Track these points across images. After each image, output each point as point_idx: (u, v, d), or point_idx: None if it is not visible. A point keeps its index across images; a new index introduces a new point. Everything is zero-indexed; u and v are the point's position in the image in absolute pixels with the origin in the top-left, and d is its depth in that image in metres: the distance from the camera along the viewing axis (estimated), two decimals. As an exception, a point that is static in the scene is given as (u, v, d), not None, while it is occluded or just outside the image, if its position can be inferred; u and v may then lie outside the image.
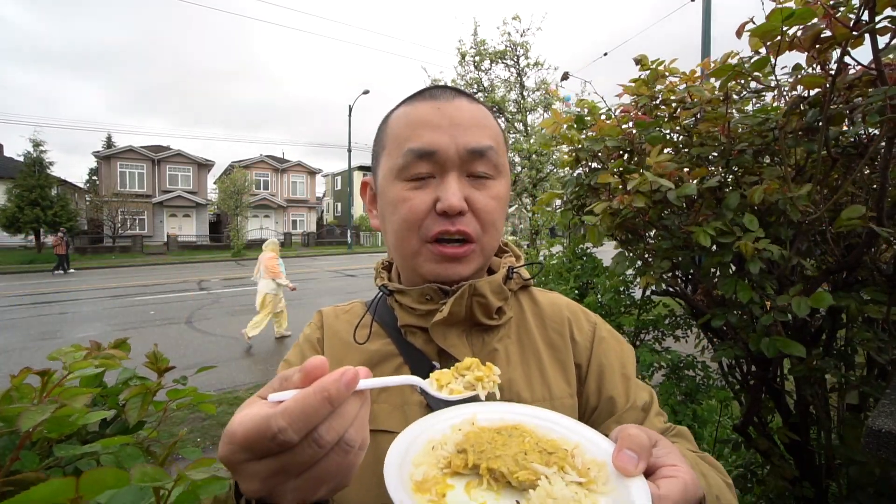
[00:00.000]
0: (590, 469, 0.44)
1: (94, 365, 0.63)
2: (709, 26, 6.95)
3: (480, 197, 0.63)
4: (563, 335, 0.73)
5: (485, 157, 0.63)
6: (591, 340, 0.73)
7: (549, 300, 0.78)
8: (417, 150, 0.62)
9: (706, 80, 1.56)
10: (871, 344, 1.22)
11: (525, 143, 5.97)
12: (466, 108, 0.65)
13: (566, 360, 0.71)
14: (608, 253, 1.78)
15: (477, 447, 0.47)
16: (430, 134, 0.62)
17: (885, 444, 0.86)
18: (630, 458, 0.42)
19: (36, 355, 5.95)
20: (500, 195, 0.66)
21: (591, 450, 0.47)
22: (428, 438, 0.49)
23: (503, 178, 0.67)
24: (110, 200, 25.87)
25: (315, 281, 13.67)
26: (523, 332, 0.73)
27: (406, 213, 0.63)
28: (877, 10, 1.01)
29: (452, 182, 0.61)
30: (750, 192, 1.22)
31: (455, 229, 0.62)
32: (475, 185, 0.64)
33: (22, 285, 13.30)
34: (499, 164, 0.65)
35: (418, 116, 0.64)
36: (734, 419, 2.19)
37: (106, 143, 34.72)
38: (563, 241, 3.30)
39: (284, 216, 34.37)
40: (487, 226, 0.64)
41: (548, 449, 0.47)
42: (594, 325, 0.75)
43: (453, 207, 0.60)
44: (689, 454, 0.58)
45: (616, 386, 0.69)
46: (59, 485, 0.36)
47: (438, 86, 0.68)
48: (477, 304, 0.67)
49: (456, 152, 0.62)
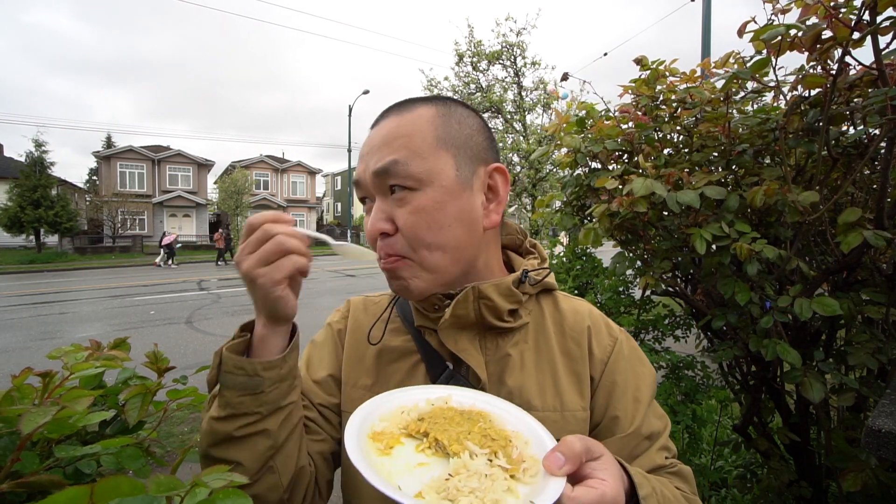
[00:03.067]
0: (524, 462, 0.49)
1: (95, 365, 0.63)
2: (709, 26, 6.96)
3: (401, 214, 0.63)
4: (580, 345, 0.70)
5: (389, 173, 0.62)
6: (608, 355, 0.70)
7: (573, 307, 0.75)
8: (354, 181, 0.68)
9: (706, 80, 1.56)
10: (870, 345, 1.22)
11: (524, 143, 5.97)
12: (385, 126, 0.65)
13: (582, 371, 0.69)
14: (608, 253, 1.78)
15: (433, 419, 0.54)
16: (359, 165, 0.67)
17: (885, 444, 0.86)
18: (556, 459, 0.46)
19: (36, 355, 5.95)
20: (424, 206, 0.62)
21: (537, 449, 0.51)
22: (400, 403, 0.57)
23: (429, 187, 0.62)
24: (110, 200, 25.87)
25: (315, 281, 13.67)
26: (541, 338, 0.71)
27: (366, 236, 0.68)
28: (878, 11, 1.00)
29: (374, 208, 0.65)
30: (750, 193, 1.22)
31: (382, 252, 0.65)
32: (397, 202, 0.63)
33: (22, 285, 13.30)
34: (414, 175, 0.61)
35: (362, 146, 0.69)
36: (734, 419, 2.19)
37: (106, 143, 34.70)
38: (564, 241, 3.30)
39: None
40: (413, 242, 0.63)
41: (492, 436, 0.52)
42: (616, 340, 0.72)
43: (371, 235, 0.65)
44: (657, 482, 0.56)
45: (624, 407, 0.67)
46: (74, 493, 0.36)
47: (389, 106, 0.69)
48: (485, 307, 0.66)
49: (369, 178, 0.64)
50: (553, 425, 0.62)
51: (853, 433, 1.35)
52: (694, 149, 1.54)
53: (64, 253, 22.26)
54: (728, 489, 2.04)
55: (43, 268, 17.93)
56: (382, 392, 0.61)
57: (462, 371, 0.68)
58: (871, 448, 0.88)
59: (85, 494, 0.36)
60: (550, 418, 0.64)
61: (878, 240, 1.05)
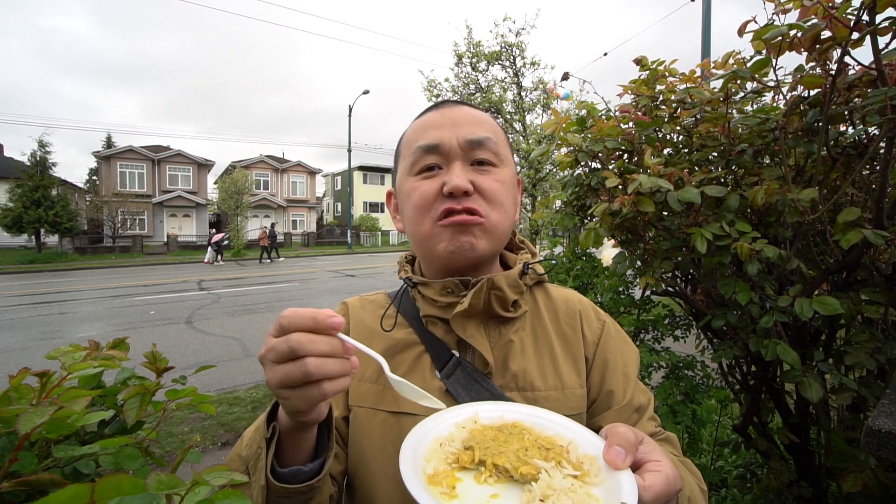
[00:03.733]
0: (583, 463, 0.48)
1: (94, 366, 0.63)
2: (709, 27, 6.96)
3: (484, 180, 0.69)
4: (574, 329, 0.77)
5: (483, 146, 0.70)
6: (598, 336, 0.77)
7: (563, 296, 0.82)
8: (424, 146, 0.71)
9: (706, 80, 1.56)
10: (869, 345, 1.21)
11: (524, 143, 5.97)
12: (466, 110, 0.74)
13: (577, 352, 0.75)
14: (608, 253, 1.78)
15: (482, 444, 0.51)
16: (435, 132, 0.71)
17: (885, 444, 0.86)
18: (619, 453, 0.47)
19: (36, 355, 5.95)
20: (504, 179, 0.71)
21: (584, 445, 0.51)
22: (436, 436, 0.54)
23: (506, 167, 0.73)
24: (110, 200, 25.87)
25: (315, 281, 13.67)
26: (538, 324, 0.77)
27: (417, 199, 0.70)
28: (877, 11, 1.00)
29: (456, 167, 0.69)
30: (751, 193, 1.22)
31: (461, 207, 0.67)
32: (479, 170, 0.70)
33: (22, 285, 13.30)
34: (499, 153, 0.72)
35: (425, 121, 0.74)
36: (734, 419, 2.19)
37: (106, 143, 34.69)
38: (563, 241, 3.30)
39: (284, 216, 34.36)
40: (494, 204, 0.69)
41: (545, 445, 0.51)
42: (604, 322, 0.79)
43: (458, 188, 0.66)
44: (671, 456, 0.61)
45: (617, 382, 0.73)
46: (75, 490, 0.36)
47: (445, 100, 0.78)
48: (494, 298, 0.71)
49: (457, 143, 0.70)
50: (556, 403, 0.69)
51: (853, 433, 1.35)
52: (694, 149, 1.54)
53: (64, 253, 22.25)
54: (728, 489, 2.04)
55: (43, 268, 17.93)
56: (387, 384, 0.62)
57: (468, 357, 0.72)
58: (870, 448, 0.88)
59: (86, 493, 0.36)
60: (553, 397, 0.70)
61: (877, 238, 1.05)
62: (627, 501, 0.42)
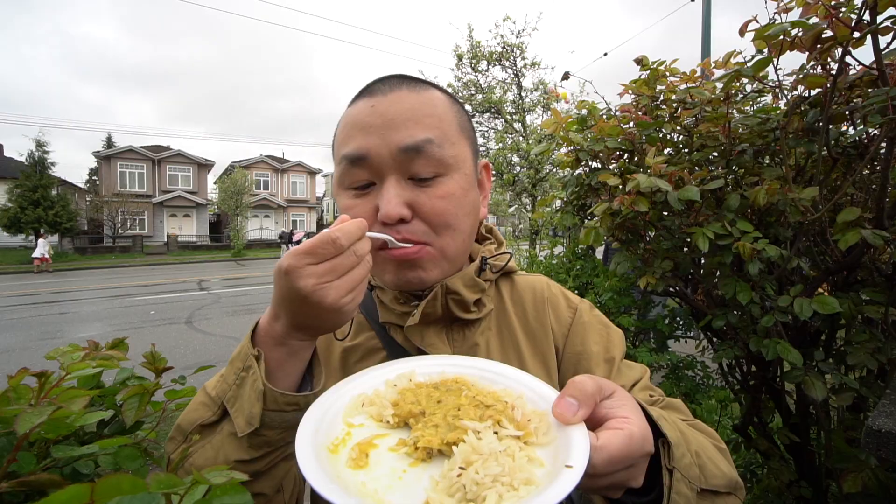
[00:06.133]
0: (530, 420, 0.41)
1: (92, 365, 0.63)
2: (709, 26, 6.95)
3: (426, 199, 0.57)
4: (542, 322, 0.70)
5: (423, 153, 0.56)
6: (568, 326, 0.69)
7: (529, 284, 0.74)
8: (349, 155, 0.58)
9: (707, 80, 1.55)
10: (869, 345, 1.21)
11: (524, 144, 5.97)
12: (404, 99, 0.58)
13: (546, 348, 0.68)
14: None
15: (411, 404, 0.45)
16: (362, 137, 0.57)
17: (885, 444, 0.86)
18: (569, 405, 0.39)
19: (36, 355, 5.94)
20: (452, 191, 0.58)
21: (535, 400, 0.45)
22: (358, 392, 0.48)
23: (456, 172, 0.59)
24: (110, 200, 25.87)
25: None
26: (503, 322, 0.70)
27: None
28: (878, 10, 1.00)
29: (390, 188, 0.56)
30: (753, 193, 1.22)
31: (400, 237, 0.57)
32: (420, 185, 0.57)
33: (22, 285, 13.30)
34: (444, 158, 0.57)
35: (353, 118, 0.60)
36: (734, 419, 2.19)
37: (106, 143, 34.70)
38: (563, 241, 3.30)
39: (284, 216, 34.37)
40: (440, 228, 0.58)
41: (485, 402, 0.44)
42: (575, 309, 0.71)
43: (390, 217, 0.55)
44: (670, 415, 0.53)
45: (596, 373, 0.64)
46: (75, 490, 0.36)
47: (382, 77, 0.62)
48: (452, 302, 0.64)
49: (389, 154, 0.56)
50: None
51: (853, 433, 1.34)
52: (694, 149, 1.54)
53: (64, 253, 22.27)
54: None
55: (42, 268, 17.92)
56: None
57: None
58: (870, 448, 0.88)
59: (85, 493, 0.35)
60: None
61: (875, 238, 1.05)
62: (574, 464, 0.35)
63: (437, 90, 0.63)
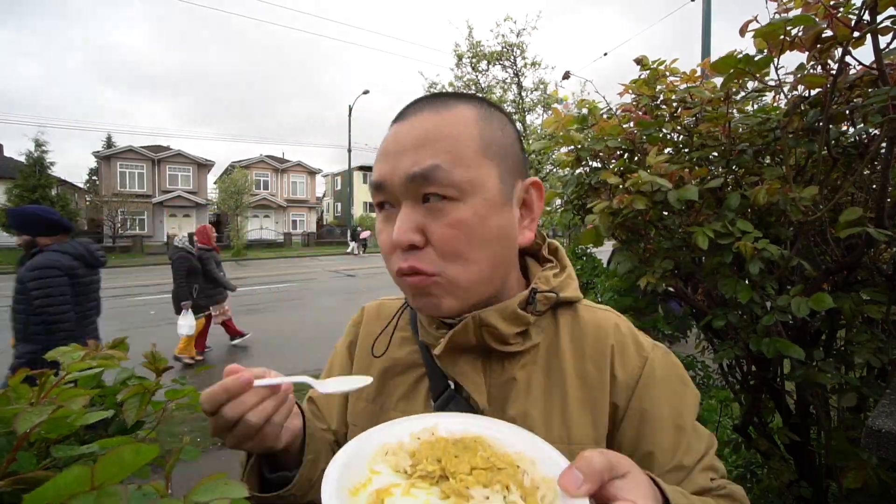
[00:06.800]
0: (538, 488, 0.42)
1: (93, 365, 0.63)
2: (709, 26, 6.95)
3: (435, 227, 0.55)
4: (601, 368, 0.61)
5: (430, 179, 0.54)
6: (636, 379, 0.61)
7: (595, 321, 0.65)
8: (372, 182, 0.59)
9: (707, 80, 1.55)
10: (870, 345, 1.21)
11: (524, 143, 5.98)
12: (422, 122, 0.57)
13: (600, 398, 0.60)
14: (608, 253, 1.78)
15: (427, 458, 0.47)
16: (382, 164, 0.58)
17: (885, 443, 0.86)
18: (574, 478, 0.39)
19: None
20: (463, 220, 0.54)
21: (549, 467, 0.45)
22: (382, 442, 0.50)
23: (473, 197, 0.55)
24: (110, 200, 25.87)
25: (315, 281, 13.66)
26: (553, 359, 0.63)
27: (381, 246, 0.60)
28: (878, 10, 1.00)
29: (402, 213, 0.56)
30: (753, 192, 1.22)
31: (406, 266, 0.55)
32: (432, 212, 0.55)
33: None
34: (456, 183, 0.54)
35: (382, 143, 0.60)
36: (734, 419, 2.19)
37: (106, 143, 34.69)
38: (563, 241, 3.30)
39: (284, 216, 34.36)
40: (449, 258, 0.55)
41: (499, 465, 0.45)
42: (646, 359, 0.62)
43: (399, 243, 0.55)
44: (699, 502, 0.50)
45: (661, 440, 0.58)
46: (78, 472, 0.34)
47: (418, 99, 0.62)
48: (487, 334, 0.60)
49: (399, 182, 0.55)
50: None
51: (853, 433, 1.35)
52: (694, 148, 1.54)
53: (64, 253, 22.23)
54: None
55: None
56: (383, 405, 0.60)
57: (464, 393, 0.62)
58: (871, 448, 0.88)
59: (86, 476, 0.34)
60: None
61: (879, 235, 1.06)
62: None
63: (467, 105, 0.59)
